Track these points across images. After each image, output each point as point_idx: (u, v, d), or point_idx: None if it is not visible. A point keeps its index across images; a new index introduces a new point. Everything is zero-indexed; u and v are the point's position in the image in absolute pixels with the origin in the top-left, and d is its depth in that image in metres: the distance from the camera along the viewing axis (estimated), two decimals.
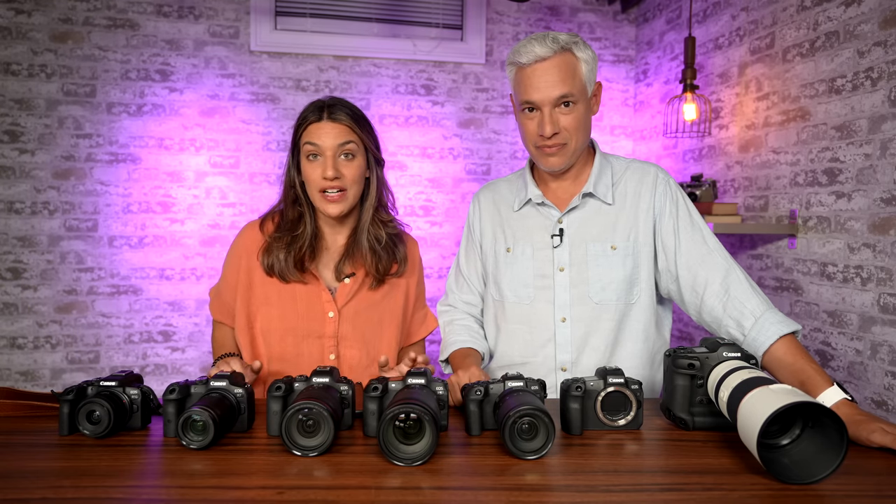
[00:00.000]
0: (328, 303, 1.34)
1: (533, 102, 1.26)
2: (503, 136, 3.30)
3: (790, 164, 2.21)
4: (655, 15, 3.20)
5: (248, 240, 1.38)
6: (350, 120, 1.30)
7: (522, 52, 1.24)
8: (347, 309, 1.35)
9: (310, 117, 1.29)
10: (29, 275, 2.87)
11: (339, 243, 1.38)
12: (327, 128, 1.28)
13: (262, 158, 3.08)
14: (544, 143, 1.27)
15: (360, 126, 1.32)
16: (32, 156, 2.85)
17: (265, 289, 1.34)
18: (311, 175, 1.29)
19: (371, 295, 1.38)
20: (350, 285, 1.36)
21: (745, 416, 0.82)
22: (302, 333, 1.32)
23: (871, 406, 1.89)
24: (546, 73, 1.23)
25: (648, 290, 1.33)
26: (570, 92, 1.24)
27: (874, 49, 1.86)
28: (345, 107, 1.31)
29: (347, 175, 1.29)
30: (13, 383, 2.86)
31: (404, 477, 0.82)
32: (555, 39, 1.23)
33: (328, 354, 1.33)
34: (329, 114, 1.29)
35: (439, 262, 3.27)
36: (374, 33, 3.16)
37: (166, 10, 2.95)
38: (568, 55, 1.24)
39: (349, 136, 1.29)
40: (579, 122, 1.26)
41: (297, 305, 1.33)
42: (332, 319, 1.33)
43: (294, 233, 1.33)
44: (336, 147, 1.28)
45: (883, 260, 1.84)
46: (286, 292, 1.34)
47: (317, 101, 1.33)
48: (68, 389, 0.97)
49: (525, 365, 1.36)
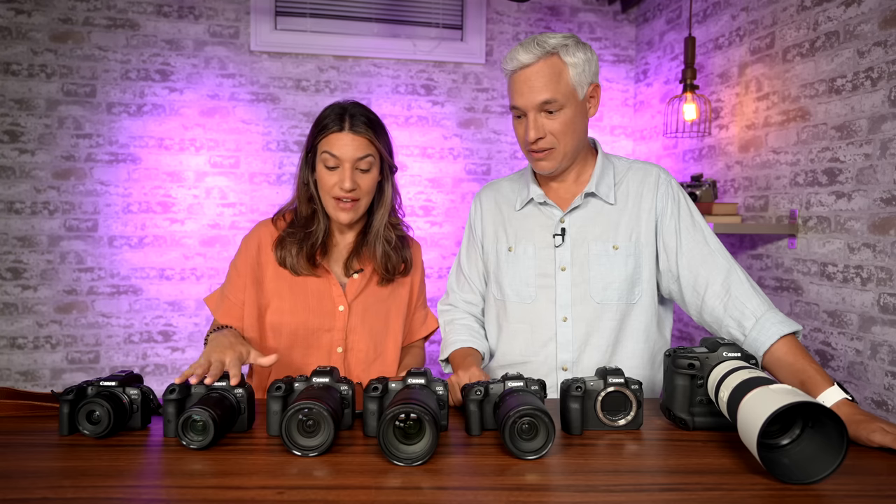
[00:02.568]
0: (339, 297, 1.36)
1: (518, 107, 1.27)
2: (503, 136, 3.30)
3: (790, 164, 2.21)
4: (655, 15, 3.20)
5: (261, 235, 1.40)
6: (370, 132, 1.30)
7: (509, 59, 1.26)
8: (357, 303, 1.38)
9: (331, 126, 1.29)
10: (29, 275, 2.87)
11: (348, 241, 1.42)
12: (347, 139, 1.28)
13: (262, 158, 3.08)
14: (532, 148, 1.29)
15: (378, 137, 1.32)
16: (32, 156, 2.85)
17: (277, 282, 1.36)
18: (327, 182, 1.30)
19: (379, 291, 1.41)
20: (359, 280, 1.39)
21: (745, 416, 0.82)
22: (312, 326, 1.35)
23: (871, 406, 1.89)
24: (528, 79, 1.24)
25: (650, 291, 1.33)
26: (552, 97, 1.23)
27: (874, 49, 1.86)
28: (365, 116, 1.31)
29: (363, 186, 1.31)
30: (13, 383, 2.86)
31: (404, 477, 0.82)
32: (540, 44, 1.23)
33: (336, 347, 1.36)
34: (351, 125, 1.28)
35: (439, 262, 3.27)
36: (374, 33, 3.16)
37: (166, 10, 2.95)
38: (553, 59, 1.24)
39: (368, 150, 1.30)
40: (566, 127, 1.26)
41: (308, 299, 1.35)
42: (343, 313, 1.36)
43: (308, 229, 1.36)
44: (355, 160, 1.29)
45: (883, 260, 1.84)
46: (298, 286, 1.36)
47: (337, 107, 1.32)
48: (68, 389, 0.97)
49: (526, 364, 1.36)
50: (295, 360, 1.35)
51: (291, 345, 1.35)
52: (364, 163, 1.30)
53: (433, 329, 1.53)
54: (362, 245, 1.39)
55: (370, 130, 1.30)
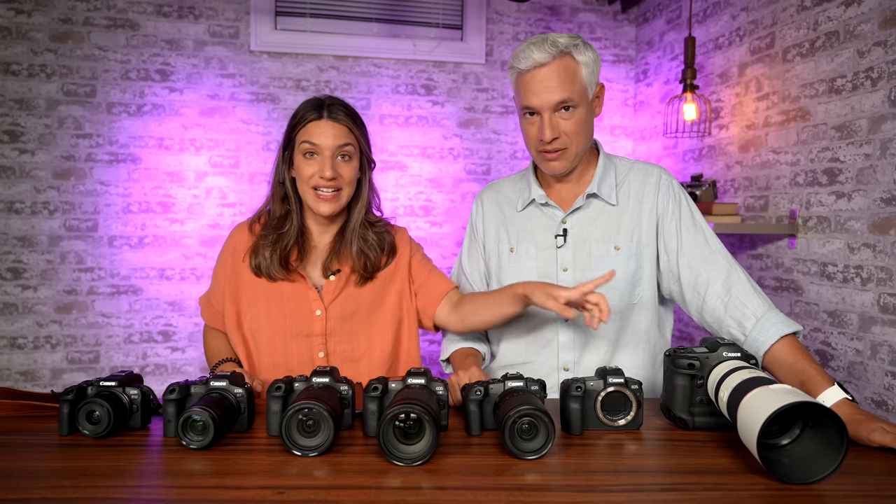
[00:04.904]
0: (315, 301, 1.33)
1: (532, 107, 1.26)
2: (503, 136, 3.30)
3: (790, 164, 2.21)
4: (655, 15, 3.20)
5: (235, 241, 1.39)
6: (349, 121, 1.29)
7: (522, 58, 1.24)
8: (334, 306, 1.34)
9: (309, 115, 1.28)
10: (29, 275, 2.87)
11: (326, 241, 1.38)
12: (326, 127, 1.27)
13: (262, 158, 3.08)
14: (545, 148, 1.27)
15: (358, 127, 1.32)
16: (32, 156, 2.85)
17: (253, 289, 1.34)
18: (306, 172, 1.28)
19: (358, 291, 1.36)
20: (336, 282, 1.35)
21: (745, 416, 0.82)
22: (290, 333, 1.32)
23: (871, 406, 1.89)
24: (545, 79, 1.23)
25: (651, 291, 1.33)
26: (569, 97, 1.23)
27: (874, 49, 1.86)
28: (343, 106, 1.31)
29: (344, 176, 1.29)
30: (13, 383, 2.86)
31: (404, 477, 0.82)
32: (554, 44, 1.23)
33: (317, 352, 1.33)
34: (329, 113, 1.28)
35: (439, 262, 3.27)
36: (374, 33, 3.16)
37: (166, 10, 2.95)
38: (567, 59, 1.24)
39: (348, 138, 1.29)
40: (580, 126, 1.26)
41: (283, 305, 1.33)
42: (320, 318, 1.33)
43: (280, 230, 1.33)
44: (335, 147, 1.27)
45: (883, 260, 1.84)
46: (273, 292, 1.34)
47: (313, 100, 1.31)
48: (68, 389, 0.97)
49: (527, 365, 1.36)
50: (277, 368, 1.33)
51: (271, 351, 1.33)
52: (344, 150, 1.28)
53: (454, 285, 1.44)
54: (341, 245, 1.36)
55: (349, 119, 1.29)
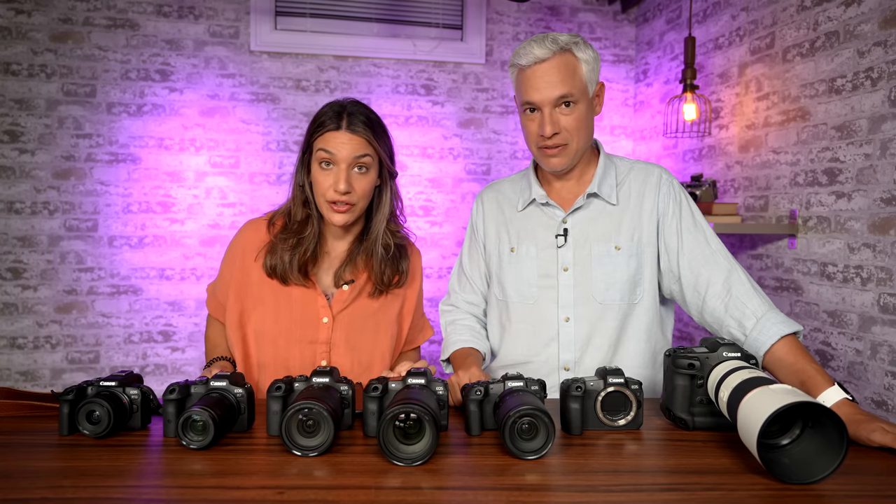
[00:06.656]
0: (323, 308, 1.32)
1: (533, 103, 1.26)
2: (503, 136, 3.30)
3: (790, 164, 2.21)
4: (655, 15, 3.20)
5: (250, 238, 1.37)
6: (368, 132, 1.25)
7: (522, 54, 1.25)
8: (342, 316, 1.33)
9: (328, 124, 1.25)
10: (29, 275, 2.87)
11: (341, 249, 1.36)
12: (344, 138, 1.24)
13: (262, 158, 3.08)
14: (545, 144, 1.27)
15: (377, 137, 1.27)
16: (32, 156, 2.85)
17: (261, 289, 1.33)
18: (322, 183, 1.25)
19: (369, 303, 1.35)
20: (348, 292, 1.33)
21: (745, 416, 0.81)
22: (295, 337, 1.31)
23: (871, 406, 1.89)
24: (546, 74, 1.24)
25: (651, 291, 1.33)
26: (569, 92, 1.24)
27: (874, 49, 1.86)
28: (363, 115, 1.27)
29: (358, 189, 1.26)
30: (13, 383, 2.86)
31: (404, 477, 0.82)
32: (554, 40, 1.24)
33: (320, 360, 1.32)
34: (349, 124, 1.24)
35: (439, 262, 3.27)
36: (374, 33, 3.16)
37: (166, 10, 2.95)
38: (568, 56, 1.25)
39: (365, 150, 1.25)
40: (580, 123, 1.27)
41: (292, 309, 1.31)
42: (326, 325, 1.31)
43: (301, 234, 1.31)
44: (351, 159, 1.24)
45: (883, 260, 1.84)
46: (282, 295, 1.32)
47: (336, 105, 1.28)
48: (68, 389, 0.97)
49: (528, 364, 1.36)
50: (277, 371, 1.31)
51: (273, 352, 1.31)
52: (361, 162, 1.25)
53: (429, 336, 1.50)
54: (357, 253, 1.34)
55: (369, 130, 1.25)
